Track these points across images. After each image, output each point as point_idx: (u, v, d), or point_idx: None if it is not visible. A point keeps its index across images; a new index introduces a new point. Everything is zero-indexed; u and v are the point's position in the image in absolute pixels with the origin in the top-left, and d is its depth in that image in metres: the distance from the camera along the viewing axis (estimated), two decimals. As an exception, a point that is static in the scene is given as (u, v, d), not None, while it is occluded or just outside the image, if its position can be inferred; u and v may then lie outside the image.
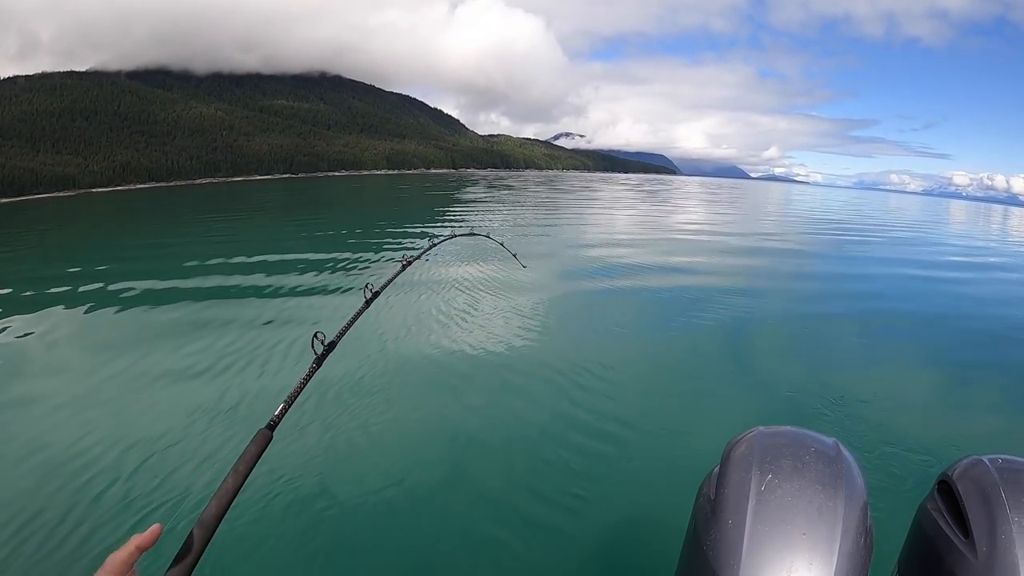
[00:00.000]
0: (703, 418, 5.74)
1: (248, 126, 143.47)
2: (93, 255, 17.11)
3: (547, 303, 10.20)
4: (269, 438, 1.25)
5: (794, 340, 8.75)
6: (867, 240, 26.05)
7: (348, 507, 4.19)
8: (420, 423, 5.58)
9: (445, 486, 4.56)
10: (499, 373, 6.80)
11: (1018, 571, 1.03)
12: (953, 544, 1.16)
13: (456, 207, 35.54)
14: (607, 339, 8.33)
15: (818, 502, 1.09)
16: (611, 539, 3.99)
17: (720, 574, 1.07)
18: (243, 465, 1.16)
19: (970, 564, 1.10)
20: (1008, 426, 5.91)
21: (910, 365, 7.78)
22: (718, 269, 14.82)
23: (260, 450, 1.21)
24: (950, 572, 1.14)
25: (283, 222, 28.66)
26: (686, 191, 77.65)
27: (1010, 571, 1.04)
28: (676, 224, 29.35)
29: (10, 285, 11.79)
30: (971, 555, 1.11)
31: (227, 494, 1.09)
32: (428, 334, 8.20)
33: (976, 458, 1.26)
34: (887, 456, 4.92)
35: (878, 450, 5.02)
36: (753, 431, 1.31)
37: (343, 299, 10.24)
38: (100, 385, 6.34)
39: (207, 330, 8.18)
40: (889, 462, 4.80)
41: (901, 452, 5.02)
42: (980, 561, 1.09)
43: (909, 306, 11.67)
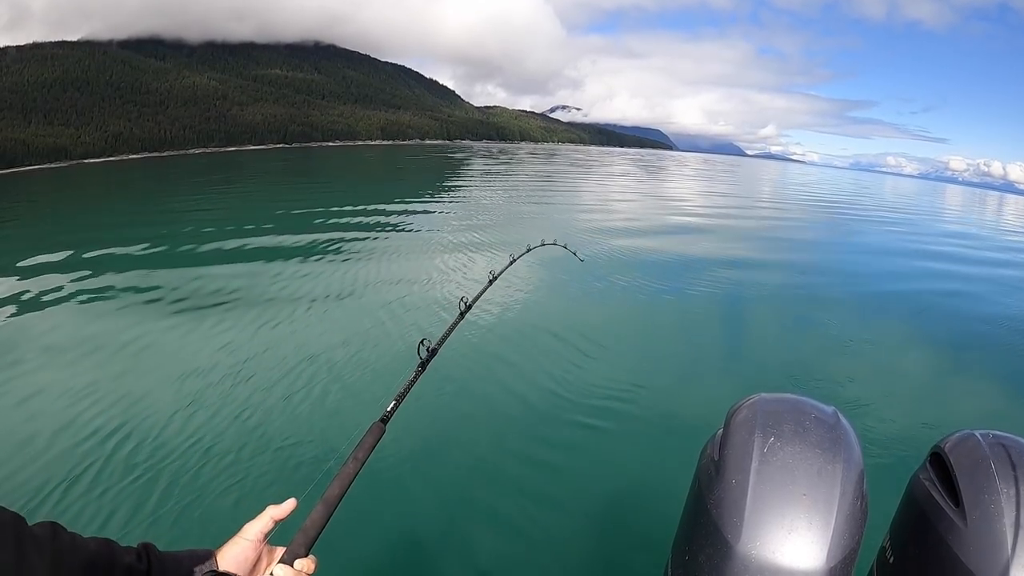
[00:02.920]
0: (704, 385, 5.85)
1: (242, 96, 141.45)
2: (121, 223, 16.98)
3: (549, 273, 10.26)
4: (383, 431, 1.34)
5: (792, 313, 8.86)
6: (865, 220, 26.10)
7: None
8: (416, 392, 5.64)
9: (442, 452, 4.69)
10: (496, 340, 6.91)
11: (1005, 539, 1.09)
12: (944, 512, 1.21)
13: (473, 183, 35.31)
14: (612, 307, 8.44)
15: (818, 465, 1.14)
16: (613, 499, 4.12)
17: (724, 530, 1.13)
18: (362, 452, 1.25)
19: (960, 531, 1.16)
20: (998, 403, 6.05)
21: (907, 342, 7.90)
22: (721, 242, 14.90)
23: (376, 440, 1.31)
24: (940, 538, 1.20)
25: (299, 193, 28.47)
26: (686, 167, 77.26)
27: (998, 538, 1.10)
28: (676, 198, 29.28)
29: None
30: (961, 523, 1.16)
31: (348, 477, 1.18)
32: (418, 302, 8.29)
33: (968, 432, 1.31)
34: (882, 428, 5.04)
35: (873, 422, 5.14)
36: (755, 397, 1.36)
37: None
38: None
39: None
40: (884, 433, 4.91)
41: (895, 424, 5.13)
42: (969, 528, 1.15)
43: (907, 286, 11.78)
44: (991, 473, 1.18)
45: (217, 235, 13.62)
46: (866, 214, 28.76)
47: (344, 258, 11.24)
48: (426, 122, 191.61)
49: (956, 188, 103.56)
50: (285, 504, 1.06)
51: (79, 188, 36.51)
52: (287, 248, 12.10)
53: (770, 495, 1.13)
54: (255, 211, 18.73)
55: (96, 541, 0.91)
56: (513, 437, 4.91)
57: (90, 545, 0.89)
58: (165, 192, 28.41)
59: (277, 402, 5.30)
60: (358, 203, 19.32)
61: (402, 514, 3.98)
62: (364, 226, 15.16)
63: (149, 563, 0.93)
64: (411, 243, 12.82)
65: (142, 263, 10.87)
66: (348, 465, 1.20)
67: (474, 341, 6.95)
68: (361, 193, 25.48)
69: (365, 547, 3.57)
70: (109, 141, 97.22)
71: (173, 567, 0.96)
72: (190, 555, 1.00)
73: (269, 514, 1.03)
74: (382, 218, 16.51)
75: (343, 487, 1.15)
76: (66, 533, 0.87)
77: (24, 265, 10.67)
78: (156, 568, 0.94)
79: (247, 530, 1.02)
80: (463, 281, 9.69)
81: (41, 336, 7.10)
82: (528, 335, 7.13)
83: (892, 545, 1.40)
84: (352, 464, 1.21)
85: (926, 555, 1.24)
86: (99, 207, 24.63)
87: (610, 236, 14.74)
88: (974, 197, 79.33)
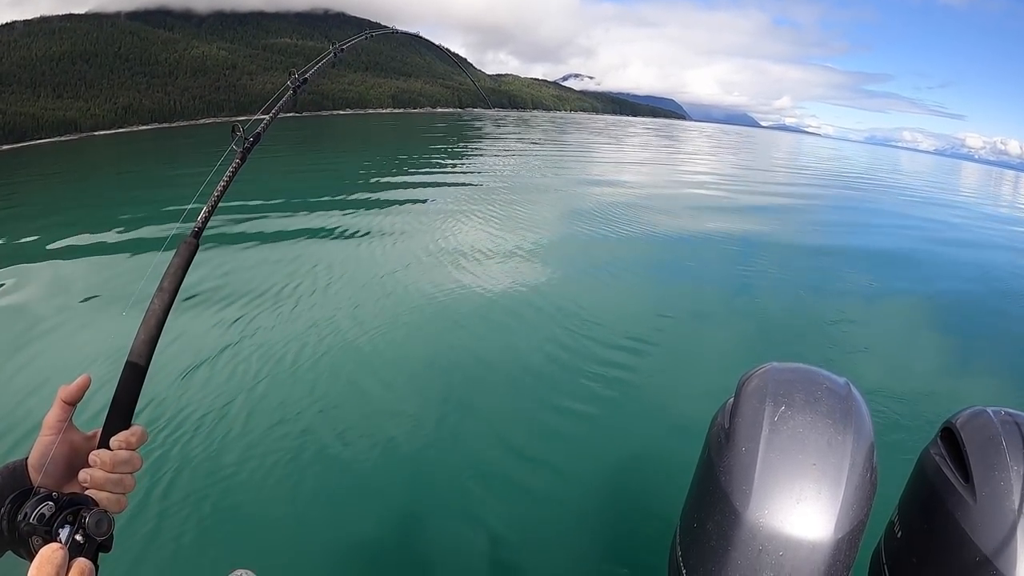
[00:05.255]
0: (714, 355, 5.86)
1: (251, 65, 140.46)
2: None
3: (558, 241, 10.24)
4: (195, 247, 1.01)
5: (805, 284, 8.81)
6: (881, 195, 25.70)
7: (355, 445, 4.35)
8: (428, 359, 5.72)
9: (454, 421, 4.74)
10: (510, 308, 6.96)
11: (1014, 516, 1.09)
12: (953, 487, 1.21)
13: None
14: (623, 275, 8.44)
15: (828, 435, 1.14)
16: (622, 468, 4.17)
17: (733, 498, 1.14)
18: (169, 281, 0.95)
19: (969, 506, 1.16)
20: (1011, 381, 6.02)
21: (922, 316, 7.85)
22: (735, 212, 14.77)
23: (186, 262, 0.99)
24: (949, 514, 1.20)
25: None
26: (699, 137, 76.18)
27: (1007, 515, 1.10)
28: (688, 167, 28.93)
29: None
30: (970, 498, 1.16)
31: (154, 317, 0.92)
32: (431, 269, 8.32)
33: (980, 408, 1.31)
34: (894, 401, 5.03)
35: (886, 395, 5.13)
36: (767, 366, 1.35)
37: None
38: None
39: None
40: (895, 407, 4.91)
41: (907, 398, 5.12)
42: (979, 504, 1.15)
43: (921, 261, 11.66)
44: (1002, 450, 1.17)
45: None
46: (882, 188, 28.29)
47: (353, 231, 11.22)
48: (437, 90, 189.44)
49: (972, 166, 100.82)
50: (75, 382, 0.86)
51: (92, 160, 36.64)
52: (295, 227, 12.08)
53: (780, 464, 1.13)
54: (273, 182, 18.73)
55: None
56: (521, 406, 4.96)
57: None
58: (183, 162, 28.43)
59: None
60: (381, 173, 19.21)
61: (411, 482, 4.04)
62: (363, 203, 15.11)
63: None
64: (411, 217, 12.79)
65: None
66: (154, 301, 0.93)
67: (479, 309, 6.99)
68: (380, 162, 25.37)
69: (373, 521, 3.63)
70: (119, 113, 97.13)
71: None
72: (3, 471, 0.84)
73: (60, 396, 0.86)
74: (379, 194, 16.46)
75: (150, 332, 0.91)
76: None
77: (56, 241, 10.77)
78: None
79: (45, 423, 0.85)
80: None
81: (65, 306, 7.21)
82: (535, 303, 7.15)
83: (900, 520, 1.40)
84: (158, 298, 0.93)
85: (934, 530, 1.24)
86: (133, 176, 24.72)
87: (623, 204, 14.62)
88: (991, 175, 77.48)
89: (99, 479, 0.81)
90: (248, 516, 3.61)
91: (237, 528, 3.49)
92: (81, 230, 11.34)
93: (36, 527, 0.70)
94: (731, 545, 1.14)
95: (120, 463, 0.83)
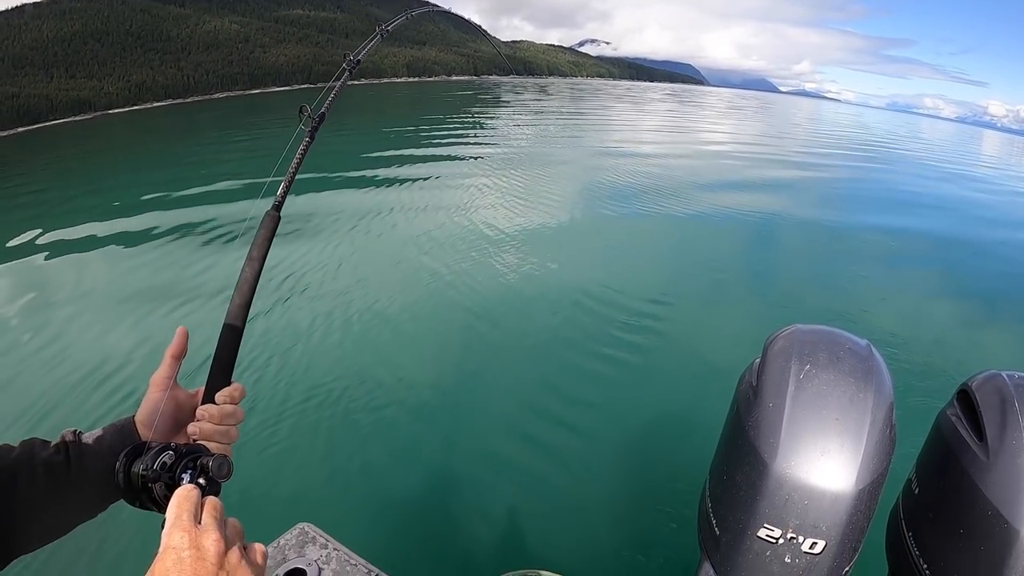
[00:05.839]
0: (739, 316, 5.94)
1: (264, 38, 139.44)
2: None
3: (581, 206, 10.27)
4: (278, 219, 1.08)
5: (828, 247, 8.79)
6: (902, 162, 25.17)
7: (388, 409, 4.51)
8: (456, 324, 5.88)
9: (485, 381, 4.91)
10: (533, 273, 7.09)
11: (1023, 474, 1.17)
12: (968, 446, 1.28)
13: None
14: (647, 240, 8.50)
15: (850, 392, 1.22)
16: (651, 426, 4.31)
17: (761, 451, 1.22)
18: (257, 251, 1.03)
19: (982, 465, 1.23)
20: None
21: (940, 281, 7.82)
22: (757, 179, 14.60)
23: (271, 232, 1.07)
24: (963, 472, 1.26)
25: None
26: (718, 102, 74.73)
27: (1018, 472, 1.17)
28: (709, 138, 28.50)
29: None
30: (984, 456, 1.23)
31: (246, 284, 1.00)
32: (452, 239, 8.42)
33: (995, 372, 1.36)
34: (913, 363, 5.08)
35: (905, 356, 5.18)
36: (792, 328, 1.42)
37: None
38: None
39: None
40: (914, 369, 4.96)
41: (926, 361, 5.16)
42: (991, 462, 1.21)
43: (942, 225, 11.50)
44: (1015, 411, 1.23)
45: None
46: (905, 156, 27.70)
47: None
48: (452, 58, 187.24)
49: (995, 134, 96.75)
50: (175, 337, 0.95)
51: (109, 139, 36.95)
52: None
53: (805, 419, 1.20)
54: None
55: (21, 445, 0.89)
56: (552, 368, 5.10)
57: (13, 451, 0.87)
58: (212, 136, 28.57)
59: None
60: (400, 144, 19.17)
61: (445, 441, 4.20)
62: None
63: (68, 453, 0.88)
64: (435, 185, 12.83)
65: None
66: (245, 270, 1.01)
67: (502, 272, 7.10)
68: (400, 132, 25.32)
69: (412, 478, 3.80)
70: (132, 91, 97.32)
71: (94, 448, 0.90)
72: (111, 429, 0.93)
73: (167, 355, 0.94)
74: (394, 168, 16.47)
75: (245, 297, 0.99)
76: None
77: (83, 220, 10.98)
78: (75, 456, 0.88)
79: (152, 383, 0.93)
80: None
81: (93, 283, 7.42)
82: (560, 268, 7.23)
83: (918, 478, 1.47)
84: (249, 267, 1.01)
85: (949, 487, 1.31)
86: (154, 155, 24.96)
87: (644, 172, 14.53)
88: (1014, 144, 74.79)
89: (208, 431, 0.89)
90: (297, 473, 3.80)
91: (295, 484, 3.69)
92: (114, 212, 11.54)
93: (160, 474, 0.77)
94: (759, 495, 1.22)
95: (226, 416, 0.92)
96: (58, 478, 0.86)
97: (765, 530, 1.22)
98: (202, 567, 0.61)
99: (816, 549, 1.18)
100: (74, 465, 0.87)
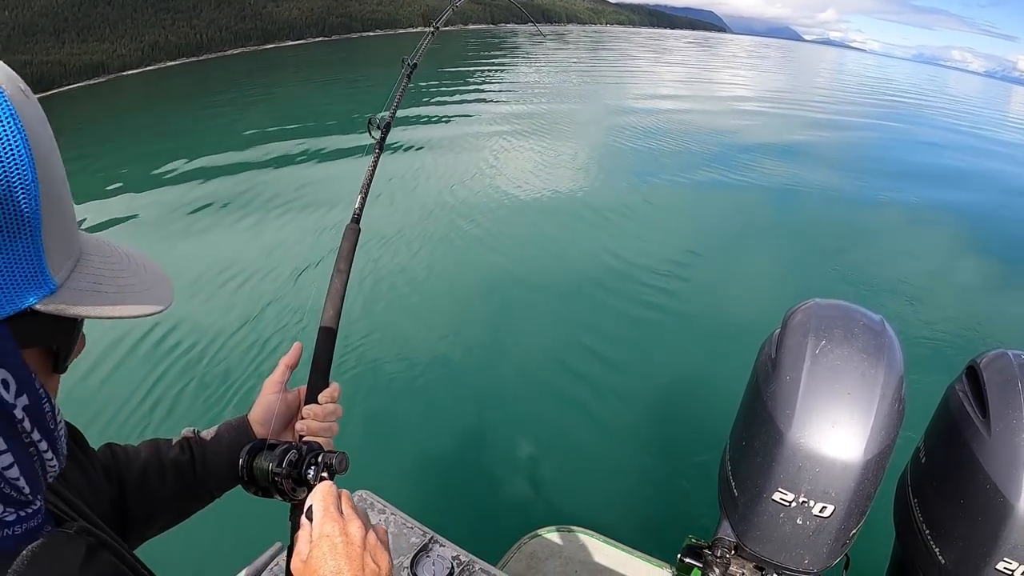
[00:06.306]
0: (761, 286, 5.95)
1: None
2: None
3: (604, 167, 10.20)
4: (358, 231, 1.19)
5: (849, 217, 8.66)
6: (928, 121, 24.18)
7: (416, 371, 4.66)
8: (476, 284, 6.01)
9: (504, 347, 5.01)
10: (553, 234, 7.22)
11: (1022, 452, 1.24)
12: (972, 421, 1.35)
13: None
14: (669, 202, 8.49)
15: (862, 368, 1.30)
16: (675, 388, 4.44)
17: (777, 420, 1.32)
18: (343, 263, 1.13)
19: (984, 440, 1.30)
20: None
21: (956, 255, 7.68)
22: (780, 142, 14.23)
23: (353, 244, 1.17)
24: (967, 446, 1.34)
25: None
26: (741, 51, 72.39)
27: (1016, 451, 1.25)
28: (729, 90, 27.73)
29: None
30: (986, 432, 1.30)
31: (337, 294, 1.11)
32: (477, 190, 8.52)
33: (1003, 350, 1.43)
34: (925, 337, 5.09)
35: (919, 329, 5.20)
36: (810, 302, 1.50)
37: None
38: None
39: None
40: (927, 343, 4.98)
41: (940, 335, 5.18)
42: (992, 439, 1.29)
43: (967, 195, 11.15)
44: (1018, 391, 1.30)
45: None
46: (933, 113, 26.65)
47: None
48: (468, 6, 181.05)
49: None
50: (292, 350, 1.06)
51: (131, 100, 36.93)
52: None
53: (819, 392, 1.30)
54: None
55: (145, 446, 0.98)
56: (574, 327, 5.21)
57: (141, 453, 0.96)
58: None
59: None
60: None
61: (468, 397, 4.39)
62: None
63: (192, 452, 1.00)
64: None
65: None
66: (334, 281, 1.11)
67: (520, 228, 7.19)
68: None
69: (442, 445, 3.95)
70: (146, 51, 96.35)
71: (214, 447, 1.02)
72: (227, 428, 1.05)
73: (282, 364, 1.05)
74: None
75: (336, 306, 1.10)
76: (119, 449, 0.95)
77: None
78: (198, 454, 1.00)
79: (266, 386, 1.05)
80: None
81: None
82: (582, 227, 7.26)
83: (925, 447, 1.55)
84: (338, 278, 1.12)
85: (953, 460, 1.39)
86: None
87: (666, 129, 14.28)
88: None
89: (314, 428, 1.00)
90: (350, 442, 3.98)
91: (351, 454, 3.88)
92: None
93: (289, 471, 0.87)
94: (775, 461, 1.33)
95: (329, 414, 1.02)
96: (185, 475, 0.98)
97: (779, 494, 1.33)
98: (352, 550, 0.73)
99: (826, 513, 1.29)
100: (198, 462, 0.99)
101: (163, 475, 0.95)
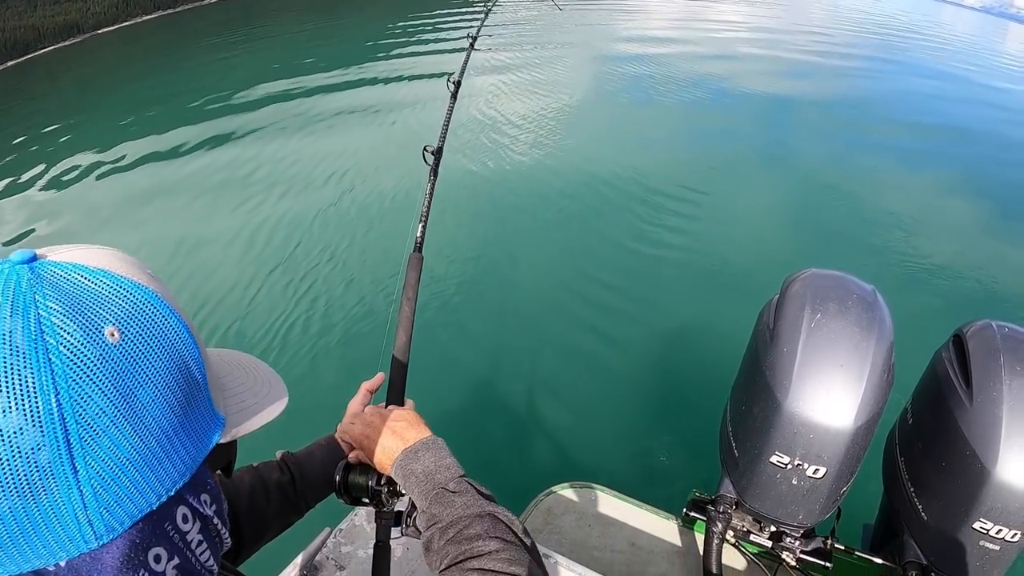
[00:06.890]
0: (761, 248, 5.91)
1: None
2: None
3: (593, 108, 9.94)
4: (422, 259, 1.27)
5: (842, 181, 8.54)
6: (925, 61, 23.24)
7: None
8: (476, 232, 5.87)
9: (507, 288, 5.02)
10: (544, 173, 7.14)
11: (1000, 423, 1.33)
12: (956, 390, 1.44)
13: None
14: (666, 148, 8.32)
15: (855, 340, 1.40)
16: (676, 340, 4.45)
17: (775, 389, 1.43)
18: (411, 291, 1.22)
19: (965, 408, 1.40)
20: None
21: (950, 222, 7.62)
22: (781, 84, 13.84)
23: (418, 272, 1.26)
24: (949, 412, 1.44)
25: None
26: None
27: (995, 420, 1.34)
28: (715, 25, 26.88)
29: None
30: (967, 401, 1.40)
31: (408, 321, 1.19)
32: (468, 142, 8.35)
33: (988, 321, 1.51)
34: (915, 304, 5.11)
35: (911, 295, 5.20)
36: (808, 272, 1.58)
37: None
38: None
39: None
40: (917, 309, 5.01)
41: (928, 302, 5.21)
42: (973, 408, 1.38)
43: (971, 163, 10.84)
44: (999, 363, 1.39)
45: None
46: (928, 54, 25.70)
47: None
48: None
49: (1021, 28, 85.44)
50: (375, 377, 1.16)
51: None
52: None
53: (813, 364, 1.40)
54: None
55: (246, 472, 1.06)
56: (572, 275, 5.19)
57: (245, 479, 1.05)
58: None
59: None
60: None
61: (470, 346, 4.43)
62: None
63: (291, 472, 1.08)
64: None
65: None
66: (403, 309, 1.20)
67: (520, 171, 7.03)
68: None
69: (447, 405, 4.01)
70: (120, 7, 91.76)
71: (309, 466, 1.10)
72: (318, 447, 1.13)
73: (363, 388, 1.14)
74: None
75: (408, 332, 1.18)
76: (227, 481, 1.00)
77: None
78: (297, 473, 1.08)
79: (350, 408, 1.11)
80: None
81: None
82: (578, 178, 7.10)
83: (913, 409, 1.66)
84: (407, 305, 1.20)
85: (936, 424, 1.49)
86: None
87: (662, 74, 13.84)
88: None
89: None
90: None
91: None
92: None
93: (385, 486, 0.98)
94: (772, 427, 1.44)
95: None
96: (287, 493, 1.07)
97: (776, 456, 1.45)
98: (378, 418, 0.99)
99: (819, 474, 1.41)
100: (297, 479, 1.08)
101: (268, 496, 1.05)
